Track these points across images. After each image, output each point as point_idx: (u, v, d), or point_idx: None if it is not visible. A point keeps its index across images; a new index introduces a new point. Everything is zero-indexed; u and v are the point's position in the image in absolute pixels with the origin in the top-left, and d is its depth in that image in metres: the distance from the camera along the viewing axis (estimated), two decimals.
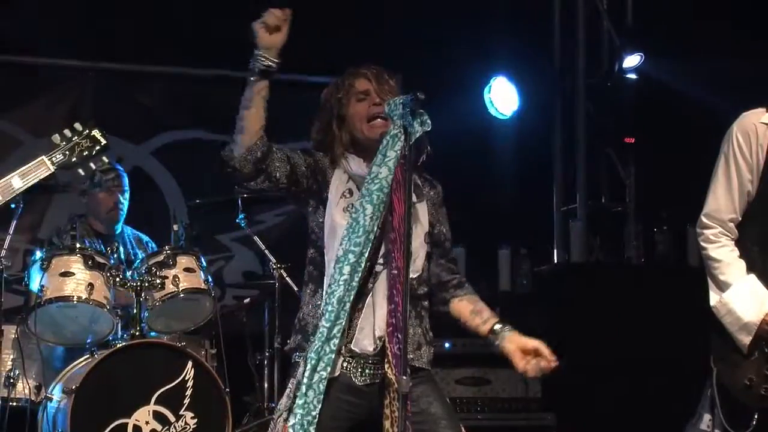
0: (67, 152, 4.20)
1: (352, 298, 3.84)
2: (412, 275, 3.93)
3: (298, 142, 8.00)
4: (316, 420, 3.79)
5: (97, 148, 4.29)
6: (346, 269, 3.83)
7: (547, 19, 8.94)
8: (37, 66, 8.39)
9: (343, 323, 3.83)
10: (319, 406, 3.79)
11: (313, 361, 3.80)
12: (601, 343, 7.54)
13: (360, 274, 3.84)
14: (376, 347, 3.88)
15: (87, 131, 4.27)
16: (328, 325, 3.81)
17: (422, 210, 4.09)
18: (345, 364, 3.91)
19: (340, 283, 3.83)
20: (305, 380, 3.80)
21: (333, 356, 3.83)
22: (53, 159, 4.18)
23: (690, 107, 8.10)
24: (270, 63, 3.83)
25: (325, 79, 4.39)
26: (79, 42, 8.20)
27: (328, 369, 3.82)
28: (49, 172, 4.18)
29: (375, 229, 3.86)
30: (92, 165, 4.33)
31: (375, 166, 3.88)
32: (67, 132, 4.24)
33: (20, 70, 8.35)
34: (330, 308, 3.82)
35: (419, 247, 4.02)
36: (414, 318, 4.01)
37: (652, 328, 7.52)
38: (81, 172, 4.30)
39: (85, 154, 4.24)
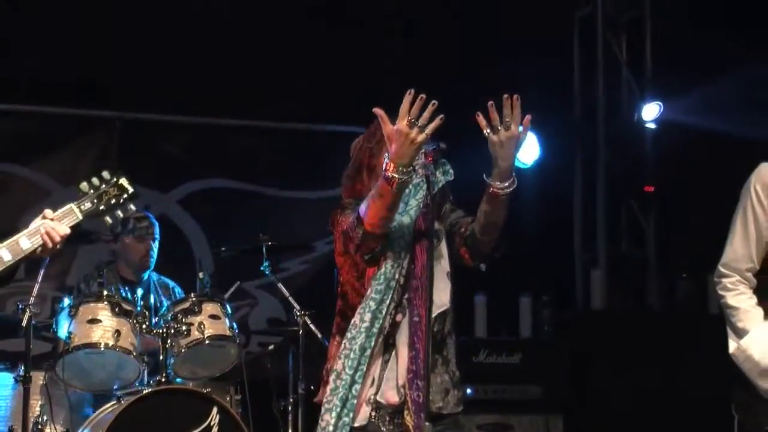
0: (95, 200, 4.22)
1: (372, 344, 3.86)
2: (436, 311, 3.93)
3: (322, 190, 8.19)
4: None
5: (125, 196, 4.30)
6: (367, 316, 3.86)
7: (567, 68, 9.00)
8: (64, 116, 8.47)
9: (365, 369, 3.86)
10: None
11: (338, 409, 3.84)
12: (622, 391, 7.54)
13: (381, 322, 3.87)
14: (401, 398, 3.89)
15: (114, 180, 4.28)
16: (350, 372, 3.84)
17: (443, 248, 4.08)
18: (373, 413, 3.93)
19: (362, 330, 3.85)
20: (330, 428, 3.84)
21: (355, 402, 3.86)
22: (82, 207, 4.20)
23: (710, 155, 8.14)
24: (411, 177, 3.78)
25: (351, 128, 4.41)
26: (106, 92, 8.31)
27: (351, 415, 3.85)
28: (78, 220, 4.21)
29: (397, 276, 3.89)
30: (120, 213, 4.35)
31: (397, 215, 3.90)
32: (95, 180, 4.26)
33: (48, 120, 8.44)
34: (352, 355, 3.85)
35: (443, 288, 4.01)
36: (441, 365, 4.01)
37: (674, 375, 7.53)
38: (108, 220, 4.31)
39: (112, 202, 4.26)
